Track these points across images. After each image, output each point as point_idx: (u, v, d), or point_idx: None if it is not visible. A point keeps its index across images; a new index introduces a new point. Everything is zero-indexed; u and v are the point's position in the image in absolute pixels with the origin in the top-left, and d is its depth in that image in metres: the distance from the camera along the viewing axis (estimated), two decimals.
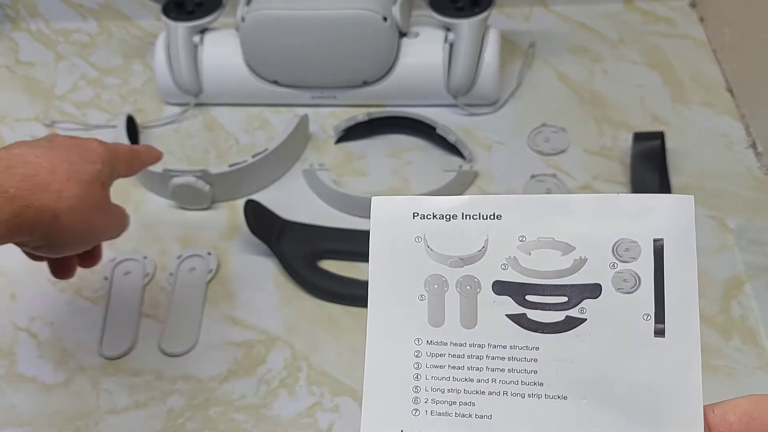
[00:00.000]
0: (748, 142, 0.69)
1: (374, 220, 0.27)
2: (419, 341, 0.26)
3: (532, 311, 0.26)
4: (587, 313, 0.25)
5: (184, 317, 0.61)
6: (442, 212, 0.26)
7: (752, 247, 0.61)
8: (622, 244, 0.25)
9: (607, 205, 0.25)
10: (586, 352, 0.25)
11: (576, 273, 0.25)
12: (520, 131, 0.72)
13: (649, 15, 0.83)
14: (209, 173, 0.67)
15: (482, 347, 0.26)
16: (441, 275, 0.26)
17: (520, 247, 0.26)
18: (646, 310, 0.25)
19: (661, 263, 0.25)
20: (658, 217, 0.25)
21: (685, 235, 0.25)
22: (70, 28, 0.89)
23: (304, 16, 0.69)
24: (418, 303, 0.26)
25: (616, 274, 0.25)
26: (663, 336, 0.25)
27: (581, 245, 0.25)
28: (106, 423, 0.56)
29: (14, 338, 0.61)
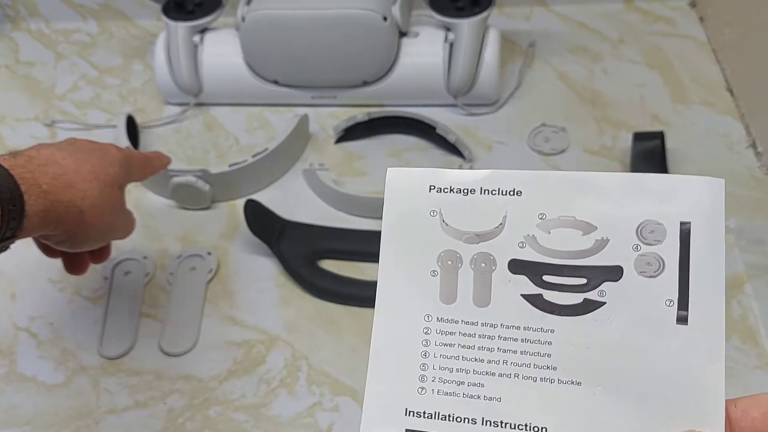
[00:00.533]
0: (748, 142, 0.69)
1: (389, 191, 0.26)
2: (429, 318, 0.25)
3: (549, 292, 0.25)
4: (606, 297, 0.24)
5: (184, 317, 0.61)
6: (460, 186, 0.25)
7: (752, 247, 0.61)
8: (647, 225, 0.24)
9: (634, 184, 0.24)
10: (603, 337, 0.24)
11: (597, 254, 0.24)
12: (520, 131, 0.72)
13: (649, 15, 0.83)
14: (209, 173, 0.67)
15: (494, 327, 0.25)
16: (455, 251, 0.25)
17: (539, 225, 0.25)
18: (669, 295, 0.24)
19: (687, 248, 0.24)
20: (686, 199, 0.24)
21: (714, 219, 0.23)
22: (70, 28, 0.89)
23: (304, 16, 0.69)
24: (430, 279, 0.25)
25: (640, 256, 0.24)
26: (686, 323, 0.23)
27: (604, 225, 0.24)
28: (106, 423, 0.56)
29: (14, 338, 0.61)
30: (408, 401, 0.25)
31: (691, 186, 0.24)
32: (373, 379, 0.25)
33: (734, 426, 0.22)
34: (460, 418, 0.24)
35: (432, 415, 0.24)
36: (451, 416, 0.24)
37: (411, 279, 0.25)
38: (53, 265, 0.66)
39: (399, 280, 0.25)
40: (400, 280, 0.25)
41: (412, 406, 0.25)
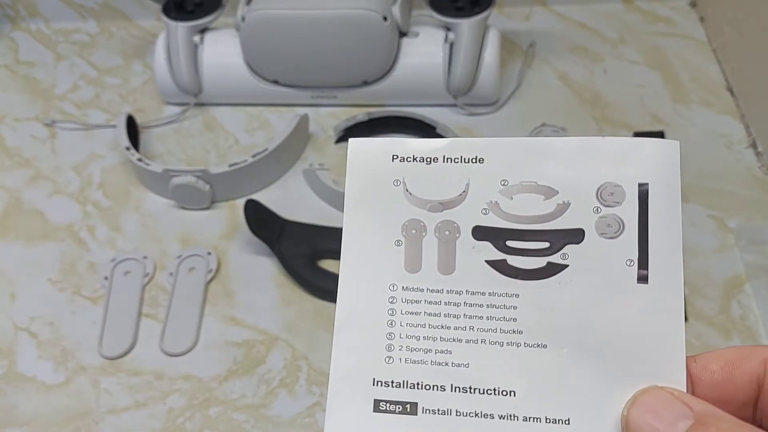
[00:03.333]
0: (748, 142, 0.69)
1: (351, 161, 0.26)
2: (394, 287, 0.25)
3: (513, 257, 0.25)
4: (569, 259, 0.24)
5: (184, 317, 0.61)
6: (423, 155, 0.26)
7: (752, 247, 0.61)
8: (607, 188, 0.24)
9: (592, 148, 0.25)
10: (567, 299, 0.24)
11: (559, 218, 0.25)
12: (520, 131, 0.72)
13: (649, 15, 0.83)
14: (209, 173, 0.67)
15: (460, 294, 0.25)
16: (419, 220, 0.25)
17: (501, 191, 0.25)
18: (629, 255, 0.24)
19: (646, 208, 0.24)
20: (643, 161, 0.24)
21: (671, 180, 0.24)
22: (70, 28, 0.89)
23: (304, 16, 0.69)
24: (395, 248, 0.25)
25: (600, 218, 0.24)
26: (646, 282, 0.24)
27: (565, 189, 0.25)
28: (106, 423, 0.56)
29: (14, 338, 0.61)
30: (376, 371, 0.25)
31: (647, 148, 0.24)
32: (339, 352, 0.25)
33: (695, 380, 0.23)
34: (429, 386, 0.24)
35: (400, 384, 0.24)
36: (419, 384, 0.24)
37: (375, 249, 0.25)
38: (53, 265, 0.66)
39: (363, 250, 0.25)
40: (364, 251, 0.25)
41: (379, 376, 0.25)
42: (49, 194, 0.72)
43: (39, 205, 0.71)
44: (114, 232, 0.68)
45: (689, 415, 0.21)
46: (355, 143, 0.26)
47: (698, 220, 0.64)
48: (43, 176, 0.73)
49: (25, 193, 0.72)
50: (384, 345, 0.25)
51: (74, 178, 0.73)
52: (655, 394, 0.22)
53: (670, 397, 0.22)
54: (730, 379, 0.23)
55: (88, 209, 0.70)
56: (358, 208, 0.26)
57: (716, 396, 0.23)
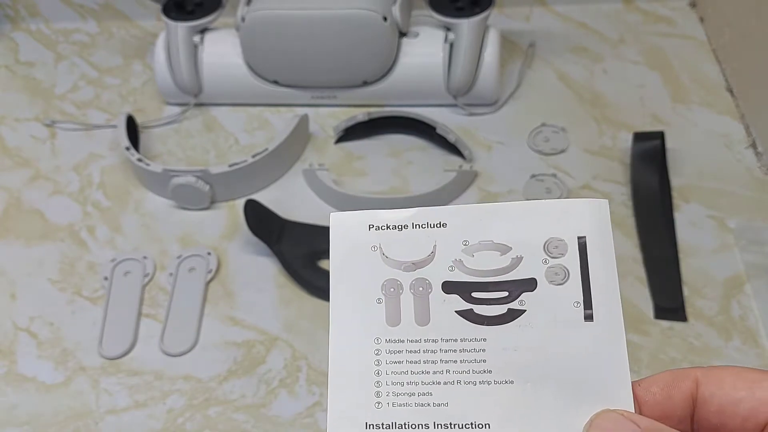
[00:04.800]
0: (748, 142, 0.69)
1: (333, 234, 0.29)
2: (378, 340, 0.28)
3: (478, 306, 0.28)
4: (526, 305, 0.28)
5: (184, 317, 0.61)
6: (395, 223, 0.29)
7: (752, 247, 0.61)
8: (552, 242, 0.28)
9: (536, 209, 0.29)
10: (527, 339, 0.28)
11: (514, 270, 0.28)
12: (520, 131, 0.72)
13: (649, 15, 0.83)
14: (209, 173, 0.67)
15: (436, 342, 0.28)
16: (396, 279, 0.29)
17: (464, 250, 0.29)
18: (576, 298, 0.28)
19: (585, 257, 0.28)
20: (579, 218, 0.28)
21: (603, 231, 0.28)
22: (70, 28, 0.89)
23: (304, 16, 0.69)
24: (376, 306, 0.29)
25: (549, 268, 0.28)
26: (592, 320, 0.27)
27: (517, 245, 0.28)
28: (106, 423, 0.56)
29: (14, 338, 0.61)
30: (367, 416, 0.28)
31: (582, 207, 0.28)
32: (334, 400, 0.29)
33: (640, 401, 0.26)
34: (415, 425, 0.28)
35: (390, 425, 0.28)
36: (406, 424, 0.28)
37: (360, 308, 0.29)
38: (53, 265, 0.66)
39: (349, 310, 0.29)
40: (350, 311, 0.29)
41: (371, 420, 0.28)
42: (49, 194, 0.72)
43: (39, 205, 0.71)
44: (114, 232, 0.68)
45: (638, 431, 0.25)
46: (336, 217, 0.30)
47: (698, 220, 0.64)
48: (43, 176, 0.73)
49: (25, 193, 0.72)
50: (373, 392, 0.28)
51: (74, 178, 0.73)
52: (607, 416, 0.26)
53: (620, 418, 0.25)
54: (669, 398, 0.26)
55: (88, 209, 0.70)
56: (343, 273, 0.29)
57: (659, 414, 0.26)
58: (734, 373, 0.26)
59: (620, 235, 0.63)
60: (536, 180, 0.68)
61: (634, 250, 0.62)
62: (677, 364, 0.55)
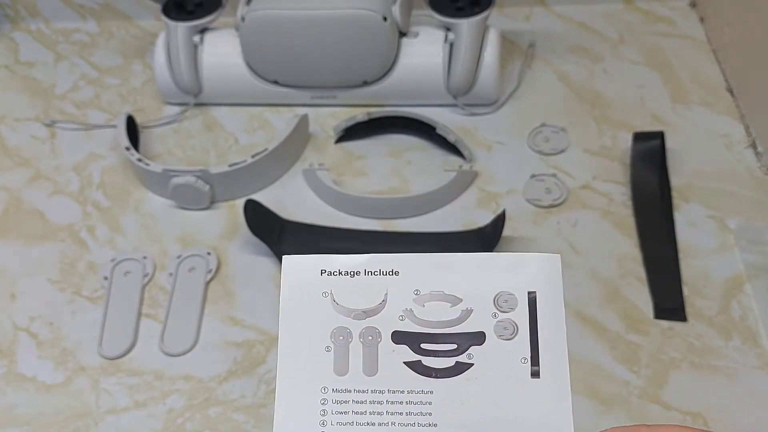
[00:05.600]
0: (748, 142, 0.69)
1: (285, 277, 0.29)
2: (325, 389, 0.28)
3: (427, 358, 0.28)
4: (474, 359, 0.28)
5: (184, 317, 0.61)
6: (347, 269, 0.29)
7: (752, 247, 0.61)
8: (502, 296, 0.28)
9: (488, 262, 0.29)
10: (474, 393, 0.28)
11: (464, 322, 0.28)
12: (520, 131, 0.72)
13: (649, 15, 0.83)
14: (209, 173, 0.67)
15: (383, 393, 0.28)
16: (346, 327, 0.29)
17: (415, 299, 0.29)
18: (523, 354, 0.28)
19: (534, 313, 0.28)
20: (530, 272, 0.28)
21: (554, 287, 0.28)
22: (70, 28, 0.89)
23: (304, 16, 0.69)
24: (325, 354, 0.29)
25: (498, 323, 0.28)
26: (538, 377, 0.28)
27: (467, 297, 0.28)
28: (106, 423, 0.56)
29: (14, 338, 0.61)
30: None
31: (533, 261, 0.28)
32: None
33: None
34: None
35: None
36: None
37: (307, 355, 0.29)
38: (53, 265, 0.66)
39: (297, 357, 0.29)
40: (297, 357, 0.29)
41: None
42: (49, 194, 0.72)
43: (39, 205, 0.71)
44: (114, 232, 0.68)
45: None
46: (289, 260, 0.29)
47: (698, 220, 0.64)
48: (43, 176, 0.73)
49: (25, 193, 0.72)
50: None
51: (74, 178, 0.73)
52: None
53: None
54: None
55: (88, 209, 0.70)
56: (292, 317, 0.29)
57: None
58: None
59: (620, 235, 0.63)
60: (536, 180, 0.68)
61: (634, 250, 0.62)
62: (677, 364, 0.55)
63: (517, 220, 0.65)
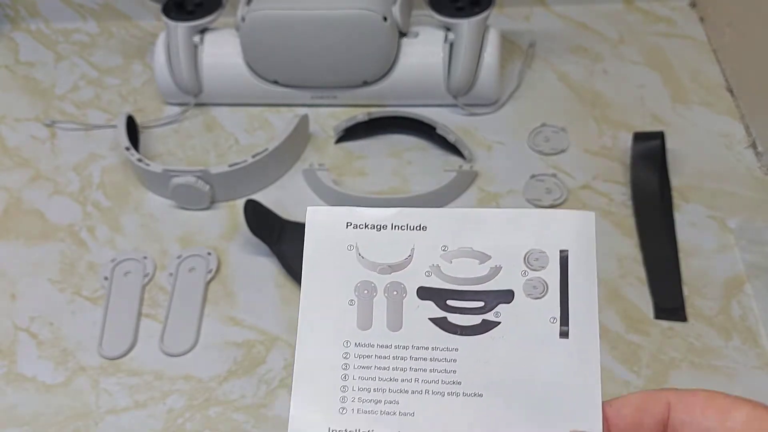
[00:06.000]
0: (748, 142, 0.69)
1: (309, 229, 0.29)
2: (348, 344, 0.28)
3: (453, 315, 0.28)
4: (501, 317, 0.27)
5: (184, 317, 0.61)
6: (374, 222, 0.28)
7: (752, 247, 0.61)
8: (533, 254, 0.28)
9: (520, 219, 0.28)
10: (500, 353, 0.27)
11: (492, 280, 0.28)
12: (520, 131, 0.72)
13: (649, 15, 0.83)
14: (209, 173, 0.67)
15: (406, 349, 0.28)
16: (370, 281, 0.28)
17: (442, 255, 0.28)
18: (552, 314, 0.27)
19: (566, 272, 0.27)
20: (563, 230, 0.27)
21: (587, 247, 0.27)
22: (70, 28, 0.89)
23: (304, 16, 0.69)
24: (348, 308, 0.28)
25: (527, 281, 0.27)
26: (567, 337, 0.27)
27: (496, 255, 0.28)
28: (106, 423, 0.56)
29: (14, 338, 0.61)
30: (330, 421, 0.27)
31: (567, 219, 0.28)
32: (297, 404, 0.28)
33: (610, 423, 0.26)
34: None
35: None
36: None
37: (330, 308, 0.28)
38: (53, 265, 0.66)
39: (319, 310, 0.28)
40: (320, 310, 0.28)
41: (334, 426, 0.27)
42: (49, 194, 0.72)
43: (39, 205, 0.71)
44: (114, 232, 0.68)
45: None
46: (313, 212, 0.29)
47: (698, 220, 0.64)
48: (43, 176, 0.73)
49: (25, 193, 0.72)
50: (338, 397, 0.27)
51: (74, 178, 0.73)
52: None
53: None
54: (639, 421, 0.26)
55: (88, 209, 0.70)
56: (316, 270, 0.28)
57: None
58: (706, 399, 0.25)
59: (620, 235, 0.63)
60: (536, 180, 0.68)
61: (634, 250, 0.62)
62: (677, 364, 0.55)
63: None
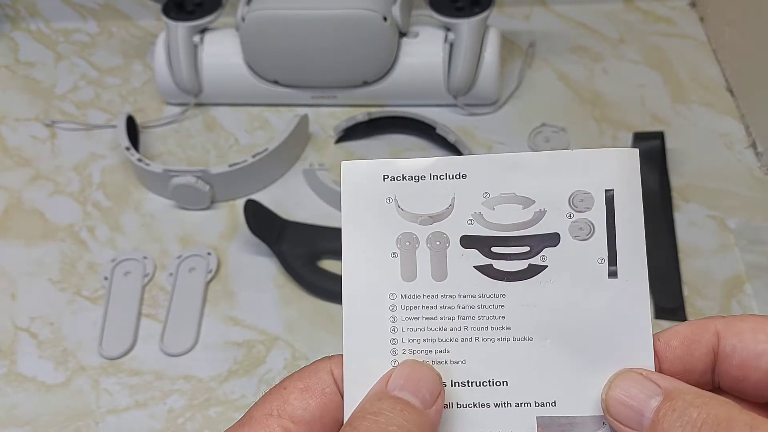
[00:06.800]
0: (748, 142, 0.69)
1: (345, 184, 0.28)
2: (394, 296, 0.27)
3: (498, 261, 0.27)
4: (548, 261, 0.27)
5: (184, 317, 0.61)
6: (411, 174, 0.28)
7: (752, 247, 0.61)
8: (577, 195, 0.27)
9: (561, 160, 0.27)
10: (548, 296, 0.27)
11: (536, 224, 0.27)
12: (520, 131, 0.72)
13: (649, 15, 0.83)
14: (209, 173, 0.67)
15: (453, 298, 0.27)
16: (412, 233, 0.27)
17: (484, 203, 0.27)
18: (600, 254, 0.27)
19: (612, 211, 0.27)
20: (607, 169, 0.27)
21: (632, 184, 0.27)
22: (70, 28, 0.89)
23: (304, 16, 0.69)
24: (391, 260, 0.27)
25: (573, 223, 0.27)
26: (616, 277, 0.27)
27: (540, 198, 0.27)
28: (106, 423, 0.56)
29: (14, 338, 0.61)
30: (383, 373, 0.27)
31: (610, 157, 0.27)
32: (350, 357, 0.27)
33: (660, 356, 0.26)
34: None
35: None
36: None
37: (374, 262, 0.28)
38: (53, 265, 0.66)
39: (363, 264, 0.28)
40: (363, 265, 0.28)
41: None
42: (49, 194, 0.72)
43: (39, 205, 0.71)
44: (114, 232, 0.68)
45: (658, 392, 0.24)
46: (348, 166, 0.28)
47: (698, 220, 0.64)
48: (43, 176, 0.73)
49: (25, 193, 0.72)
50: (389, 349, 0.27)
51: (74, 178, 0.73)
52: (628, 377, 0.25)
53: (640, 378, 0.25)
54: (689, 352, 0.26)
55: (88, 209, 0.70)
56: (355, 225, 0.28)
57: (679, 369, 0.26)
58: (755, 325, 0.25)
59: None
60: None
61: None
62: None
63: None
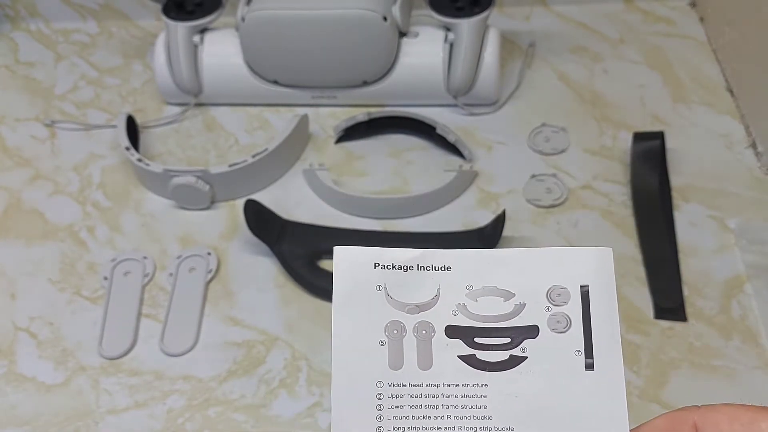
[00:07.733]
0: (748, 142, 0.69)
1: (338, 269, 0.29)
2: (381, 384, 0.28)
3: (481, 352, 0.28)
4: (528, 352, 0.28)
5: (184, 317, 0.61)
6: (400, 263, 0.29)
7: (752, 247, 0.61)
8: (555, 290, 0.28)
9: (540, 257, 0.29)
10: (528, 386, 0.28)
11: (517, 316, 0.28)
12: (520, 131, 0.72)
13: (649, 15, 0.83)
14: (209, 173, 0.67)
15: (438, 387, 0.28)
16: (400, 321, 0.29)
17: (468, 294, 0.29)
18: (577, 347, 0.28)
19: (588, 306, 0.28)
20: (582, 266, 0.29)
21: (607, 280, 0.28)
22: (70, 28, 0.89)
23: (304, 16, 0.69)
24: (380, 348, 0.28)
25: (551, 316, 0.28)
26: (592, 369, 0.28)
27: (520, 292, 0.29)
28: (106, 423, 0.56)
29: (14, 338, 0.61)
30: None
31: (585, 255, 0.29)
32: None
33: None
34: None
35: None
36: None
37: (363, 350, 0.29)
38: (53, 265, 0.66)
39: (351, 350, 0.29)
40: (352, 351, 0.29)
41: None
42: (49, 194, 0.72)
43: (39, 205, 0.71)
44: (114, 232, 0.68)
45: None
46: (341, 251, 0.29)
47: (698, 220, 0.64)
48: (43, 176, 0.73)
49: (25, 193, 0.72)
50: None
51: (74, 178, 0.73)
52: None
53: None
54: None
55: (88, 209, 0.70)
56: (346, 310, 0.29)
57: None
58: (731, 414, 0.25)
59: (620, 235, 0.63)
60: (536, 180, 0.68)
61: (634, 250, 0.62)
62: (677, 364, 0.55)
63: (518, 220, 0.65)
